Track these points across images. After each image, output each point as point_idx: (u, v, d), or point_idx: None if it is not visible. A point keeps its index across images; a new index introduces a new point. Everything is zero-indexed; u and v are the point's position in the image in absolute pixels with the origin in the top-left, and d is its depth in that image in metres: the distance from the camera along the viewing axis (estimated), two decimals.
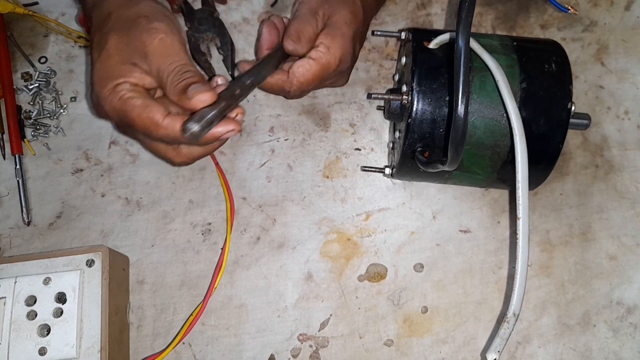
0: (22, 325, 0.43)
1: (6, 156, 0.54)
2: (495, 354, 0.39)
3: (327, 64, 0.45)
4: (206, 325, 0.48)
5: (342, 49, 0.45)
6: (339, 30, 0.46)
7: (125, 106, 0.39)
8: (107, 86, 0.40)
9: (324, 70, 0.45)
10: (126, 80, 0.40)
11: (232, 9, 0.58)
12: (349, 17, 0.46)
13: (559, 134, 0.43)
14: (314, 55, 0.45)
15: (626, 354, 0.47)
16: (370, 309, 0.49)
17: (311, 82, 0.45)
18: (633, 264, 0.50)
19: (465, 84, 0.34)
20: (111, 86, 0.40)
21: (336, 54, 0.45)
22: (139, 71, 0.41)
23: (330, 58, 0.45)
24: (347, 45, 0.46)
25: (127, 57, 0.40)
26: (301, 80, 0.45)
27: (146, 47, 0.40)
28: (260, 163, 0.53)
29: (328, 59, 0.45)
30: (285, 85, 0.45)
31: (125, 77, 0.40)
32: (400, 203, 0.52)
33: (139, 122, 0.39)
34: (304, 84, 0.45)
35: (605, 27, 0.57)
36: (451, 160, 0.36)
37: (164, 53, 0.40)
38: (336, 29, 0.46)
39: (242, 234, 0.51)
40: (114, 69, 0.40)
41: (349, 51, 0.46)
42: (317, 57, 0.45)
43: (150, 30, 0.40)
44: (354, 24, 0.47)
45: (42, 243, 0.51)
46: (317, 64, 0.45)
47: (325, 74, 0.46)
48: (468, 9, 0.34)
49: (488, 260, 0.50)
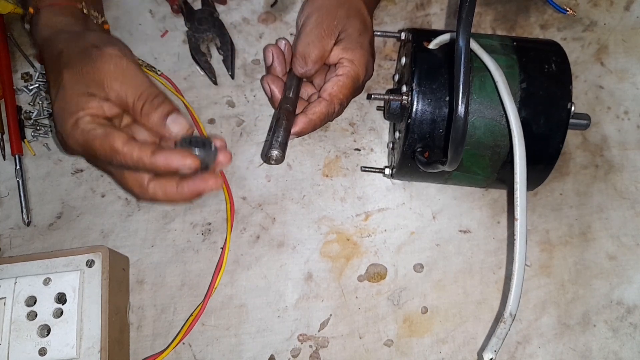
0: (22, 326, 0.43)
1: (6, 156, 0.54)
2: (492, 353, 0.39)
3: (356, 75, 0.46)
4: (206, 325, 0.48)
5: (364, 58, 0.46)
6: (357, 43, 0.46)
7: (88, 137, 0.39)
8: (68, 122, 0.40)
9: (355, 82, 0.46)
10: (85, 113, 0.40)
11: (232, 9, 0.58)
12: (360, 27, 0.47)
13: (559, 134, 0.43)
14: (342, 72, 0.46)
15: (626, 354, 0.47)
16: (370, 309, 0.49)
17: (349, 97, 0.46)
18: (633, 263, 0.50)
19: (466, 84, 0.34)
20: (72, 121, 0.40)
21: (361, 65, 0.46)
22: (97, 100, 0.40)
23: (357, 69, 0.46)
24: (367, 54, 0.47)
25: (83, 89, 0.40)
26: (340, 97, 0.45)
27: (101, 74, 0.40)
28: (259, 162, 0.53)
29: (356, 70, 0.46)
30: (329, 109, 0.45)
31: (84, 109, 0.40)
32: (400, 203, 0.52)
33: (101, 151, 0.39)
34: (344, 100, 0.46)
35: (605, 27, 0.57)
36: (451, 160, 0.36)
37: (123, 77, 0.40)
38: (353, 42, 0.46)
39: (242, 233, 0.51)
40: (72, 104, 0.40)
41: (370, 60, 0.47)
42: (345, 72, 0.45)
43: (102, 56, 0.41)
44: (366, 33, 0.47)
45: (42, 243, 0.51)
46: (347, 78, 0.45)
47: (356, 86, 0.46)
48: (468, 9, 0.34)
49: (488, 260, 0.50)
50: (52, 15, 0.46)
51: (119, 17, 0.58)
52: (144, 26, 0.58)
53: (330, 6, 0.47)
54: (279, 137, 0.42)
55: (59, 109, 0.41)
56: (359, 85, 0.47)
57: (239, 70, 0.56)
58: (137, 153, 0.39)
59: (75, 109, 0.40)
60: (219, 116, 0.55)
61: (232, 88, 0.56)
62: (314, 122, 0.45)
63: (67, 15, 0.46)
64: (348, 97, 0.46)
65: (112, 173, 0.43)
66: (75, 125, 0.40)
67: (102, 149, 0.39)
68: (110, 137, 0.39)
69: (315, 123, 0.45)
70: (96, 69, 0.40)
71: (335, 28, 0.46)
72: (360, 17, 0.47)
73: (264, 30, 0.58)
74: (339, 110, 0.47)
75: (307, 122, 0.45)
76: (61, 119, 0.40)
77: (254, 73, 0.56)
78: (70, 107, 0.40)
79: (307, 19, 0.47)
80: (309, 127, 0.45)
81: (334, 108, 0.46)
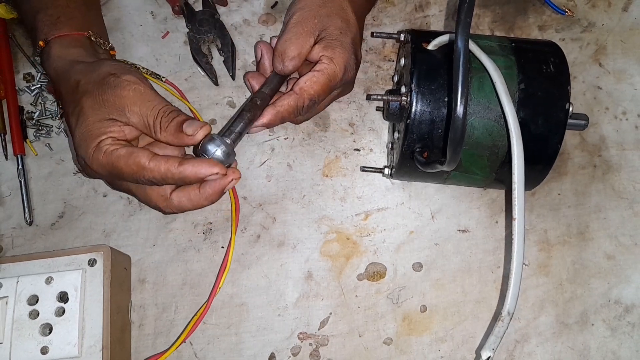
0: (24, 325, 0.44)
1: (8, 156, 0.54)
2: (490, 351, 0.40)
3: (333, 74, 0.46)
4: (207, 323, 0.49)
5: (344, 57, 0.46)
6: (337, 41, 0.46)
7: (112, 158, 0.41)
8: (90, 146, 0.42)
9: (331, 81, 0.46)
10: (107, 136, 0.42)
11: (232, 10, 0.59)
12: (341, 25, 0.47)
13: (557, 134, 0.43)
14: (318, 68, 0.46)
15: (624, 353, 0.48)
16: (369, 307, 0.49)
17: (321, 93, 0.46)
18: (631, 263, 0.50)
19: (464, 85, 0.34)
20: (94, 145, 0.42)
21: (340, 64, 0.46)
22: (118, 124, 0.42)
23: (335, 68, 0.46)
24: (348, 53, 0.47)
25: (104, 115, 0.42)
26: (311, 92, 0.46)
27: (122, 100, 0.42)
28: (260, 162, 0.54)
29: (333, 69, 0.46)
30: (298, 102, 0.46)
31: (106, 133, 0.42)
32: (399, 203, 0.52)
33: (126, 170, 0.41)
34: (314, 95, 0.46)
35: (603, 28, 0.58)
36: (450, 160, 0.37)
37: (142, 100, 0.42)
38: (333, 40, 0.46)
39: (243, 232, 0.51)
40: (93, 129, 0.42)
41: (351, 58, 0.47)
42: (321, 69, 0.46)
43: (121, 83, 0.42)
44: (349, 31, 0.47)
45: (44, 243, 0.51)
46: (322, 75, 0.46)
47: (332, 84, 0.46)
48: (467, 10, 0.34)
49: (486, 259, 0.50)
50: (63, 47, 0.47)
51: (120, 19, 0.58)
52: (145, 27, 0.58)
53: (313, 5, 0.47)
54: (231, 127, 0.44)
55: (80, 134, 0.42)
56: (335, 84, 0.47)
57: (239, 71, 0.57)
58: (164, 166, 0.41)
59: (97, 133, 0.42)
60: (220, 117, 0.55)
61: (232, 89, 0.56)
62: (281, 115, 0.46)
63: (78, 46, 0.48)
64: (320, 94, 0.46)
65: (135, 192, 0.45)
66: (97, 148, 0.42)
67: (128, 167, 0.41)
68: (135, 155, 0.41)
69: (282, 115, 0.46)
70: (116, 96, 0.42)
71: (315, 26, 0.47)
72: (342, 16, 0.48)
73: (264, 31, 0.58)
74: (309, 105, 0.46)
75: (275, 113, 0.46)
76: (84, 144, 0.42)
77: None
78: (93, 131, 0.42)
79: (290, 18, 0.48)
80: (275, 119, 0.46)
81: (303, 102, 0.46)
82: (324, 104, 0.51)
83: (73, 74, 0.45)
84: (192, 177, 0.41)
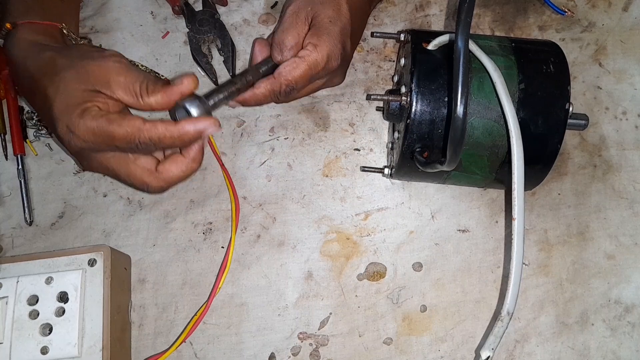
0: (24, 325, 0.44)
1: (8, 156, 0.54)
2: (489, 351, 0.40)
3: (315, 61, 0.45)
4: (207, 323, 0.49)
5: (329, 46, 0.46)
6: (324, 29, 0.46)
7: (102, 122, 0.39)
8: (74, 112, 0.40)
9: (312, 69, 0.45)
10: (93, 104, 0.40)
11: (232, 10, 0.59)
12: (332, 14, 0.47)
13: (557, 134, 0.43)
14: (301, 54, 0.45)
15: (624, 353, 0.48)
16: (369, 307, 0.49)
17: (299, 81, 0.46)
18: (631, 263, 0.50)
19: (465, 84, 0.34)
20: (80, 110, 0.40)
21: (323, 52, 0.45)
22: (103, 97, 0.41)
23: (317, 56, 0.45)
24: (334, 42, 0.46)
25: (89, 86, 0.41)
26: (289, 79, 0.45)
27: (107, 71, 0.41)
28: (260, 162, 0.54)
29: (315, 56, 0.45)
30: (274, 86, 0.45)
31: (92, 101, 0.40)
32: (399, 203, 0.52)
33: (120, 132, 0.39)
34: (292, 81, 0.45)
35: (603, 28, 0.58)
36: (450, 160, 0.37)
37: (127, 70, 0.41)
38: (321, 28, 0.46)
39: (243, 232, 0.51)
40: (78, 96, 0.40)
41: (337, 48, 0.46)
42: (303, 56, 0.45)
43: (105, 56, 0.42)
44: (338, 21, 0.47)
45: (44, 243, 0.51)
46: (303, 62, 0.45)
47: (313, 72, 0.46)
48: (467, 10, 0.34)
49: (486, 259, 0.50)
50: (32, 33, 0.46)
51: (120, 19, 0.58)
52: (145, 27, 0.58)
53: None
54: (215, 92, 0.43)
55: (62, 101, 0.40)
56: (316, 72, 0.46)
57: (239, 71, 0.57)
58: (162, 126, 0.39)
59: (81, 101, 0.40)
60: (219, 117, 0.55)
61: None
62: (256, 97, 0.46)
63: (48, 35, 0.47)
64: (298, 81, 0.46)
65: (116, 170, 0.43)
66: (85, 112, 0.40)
67: (122, 129, 0.39)
68: (129, 117, 0.40)
69: (258, 98, 0.46)
70: (101, 67, 0.41)
71: (308, 14, 0.47)
72: (334, 5, 0.47)
73: (264, 31, 0.58)
74: (287, 90, 0.46)
75: (251, 95, 0.46)
76: (65, 111, 0.40)
77: None
78: (77, 98, 0.40)
79: (287, 8, 0.48)
80: (250, 100, 0.46)
81: (280, 88, 0.45)
82: (307, 90, 0.50)
83: (46, 52, 0.43)
84: (192, 132, 0.40)
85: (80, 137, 0.40)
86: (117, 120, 0.39)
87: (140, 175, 0.42)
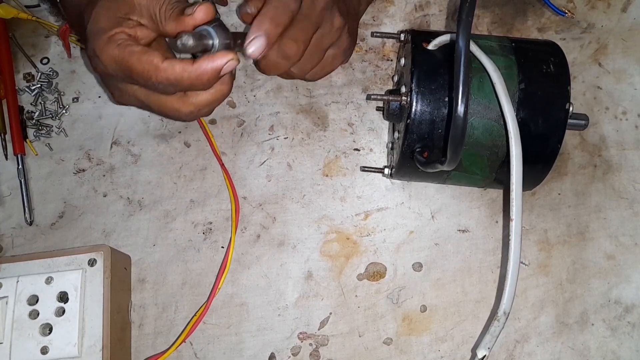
0: (24, 325, 0.44)
1: (8, 156, 0.54)
2: (485, 350, 0.40)
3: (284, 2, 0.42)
4: (207, 323, 0.49)
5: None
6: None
7: (124, 53, 0.39)
8: (102, 37, 0.40)
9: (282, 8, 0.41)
10: (121, 30, 0.40)
11: (232, 10, 0.59)
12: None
13: (557, 134, 0.43)
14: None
15: (624, 353, 0.48)
16: (369, 307, 0.49)
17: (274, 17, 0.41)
18: (631, 263, 0.50)
19: (465, 84, 0.34)
20: (106, 36, 0.40)
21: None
22: (132, 23, 0.41)
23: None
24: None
25: (118, 13, 0.41)
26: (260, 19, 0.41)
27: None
28: (260, 162, 0.54)
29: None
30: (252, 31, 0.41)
31: (120, 27, 0.41)
32: (399, 203, 0.52)
33: (138, 67, 0.39)
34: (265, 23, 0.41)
35: (602, 29, 0.58)
36: (450, 160, 0.37)
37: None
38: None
39: (243, 232, 0.51)
40: (108, 22, 0.41)
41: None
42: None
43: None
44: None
45: (44, 242, 0.51)
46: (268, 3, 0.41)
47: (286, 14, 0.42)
48: (468, 10, 0.34)
49: (486, 259, 0.50)
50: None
51: None
52: None
53: None
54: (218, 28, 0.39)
55: (93, 27, 0.41)
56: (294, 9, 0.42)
57: (239, 72, 0.57)
58: (179, 65, 0.38)
59: (110, 27, 0.40)
60: (220, 117, 0.55)
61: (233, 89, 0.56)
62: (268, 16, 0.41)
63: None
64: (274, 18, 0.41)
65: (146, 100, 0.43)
66: (110, 40, 0.40)
67: (140, 64, 0.39)
68: (149, 53, 0.39)
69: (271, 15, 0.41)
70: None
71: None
72: None
73: None
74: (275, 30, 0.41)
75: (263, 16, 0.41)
76: (95, 35, 0.40)
77: (254, 74, 0.57)
78: (106, 24, 0.40)
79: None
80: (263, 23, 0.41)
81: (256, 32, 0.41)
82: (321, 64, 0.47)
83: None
84: (210, 70, 0.38)
85: (103, 62, 0.40)
86: (137, 54, 0.39)
87: (171, 103, 0.42)
